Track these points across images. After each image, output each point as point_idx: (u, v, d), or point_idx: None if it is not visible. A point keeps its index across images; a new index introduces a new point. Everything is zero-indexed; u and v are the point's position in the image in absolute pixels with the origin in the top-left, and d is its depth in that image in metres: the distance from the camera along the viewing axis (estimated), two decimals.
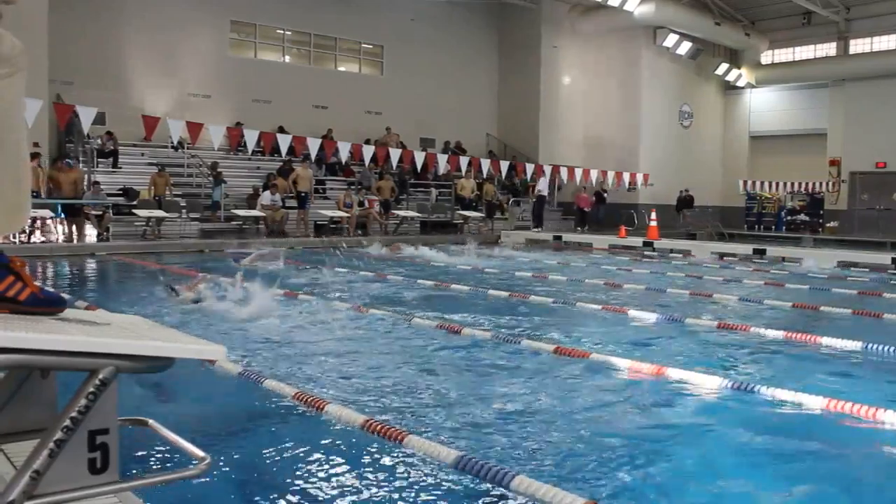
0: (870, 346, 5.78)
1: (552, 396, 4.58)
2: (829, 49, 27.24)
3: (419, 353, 5.78)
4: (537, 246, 18.20)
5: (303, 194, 18.03)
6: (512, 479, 2.93)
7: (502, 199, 22.62)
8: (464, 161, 20.27)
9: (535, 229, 20.53)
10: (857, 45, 26.57)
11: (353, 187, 19.60)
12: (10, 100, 1.74)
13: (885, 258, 13.94)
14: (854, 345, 5.87)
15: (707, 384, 4.73)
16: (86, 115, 14.00)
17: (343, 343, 6.13)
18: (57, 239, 14.46)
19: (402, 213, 19.98)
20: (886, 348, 5.69)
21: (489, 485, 3.02)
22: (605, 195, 24.05)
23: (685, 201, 25.09)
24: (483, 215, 21.32)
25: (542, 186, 21.31)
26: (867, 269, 12.97)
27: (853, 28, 26.52)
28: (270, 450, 3.59)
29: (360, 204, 18.97)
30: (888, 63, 24.73)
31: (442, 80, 24.54)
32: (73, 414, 1.60)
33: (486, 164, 20.33)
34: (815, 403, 4.21)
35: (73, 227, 14.45)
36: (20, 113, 1.81)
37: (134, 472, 2.99)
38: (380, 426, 3.61)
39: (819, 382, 4.96)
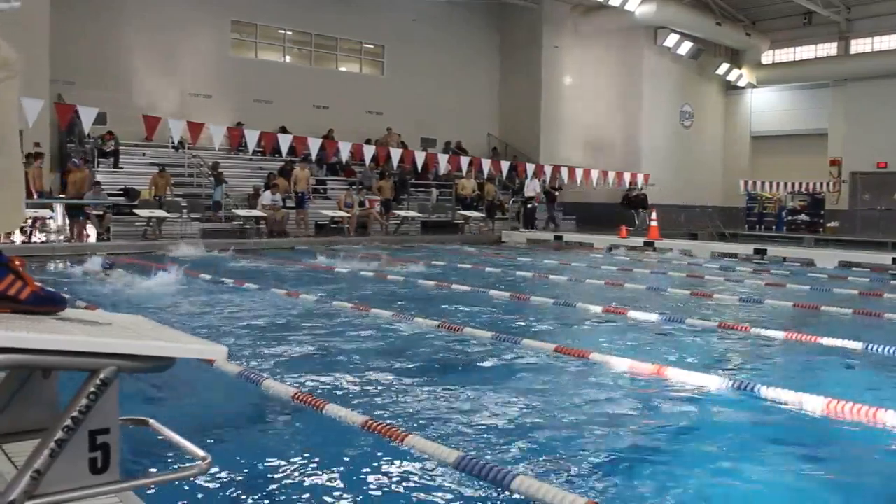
0: (870, 346, 5.77)
1: (552, 396, 4.58)
2: (830, 49, 27.22)
3: (419, 353, 5.79)
4: (539, 246, 18.20)
5: (300, 194, 18.08)
6: (513, 480, 2.93)
7: (503, 199, 22.61)
8: (464, 161, 20.28)
9: (525, 230, 20.61)
10: (858, 45, 26.55)
11: (353, 187, 19.61)
12: (9, 101, 1.78)
13: (885, 258, 13.94)
14: (855, 345, 5.86)
15: (707, 384, 4.73)
16: (87, 115, 14.00)
17: (342, 342, 6.13)
18: (64, 238, 14.50)
19: (402, 213, 19.98)
20: (887, 348, 5.68)
21: (490, 485, 3.02)
22: (557, 194, 22.71)
23: (635, 200, 24.05)
24: (484, 215, 21.32)
25: (533, 188, 21.39)
26: (868, 269, 12.96)
27: (854, 28, 26.51)
28: (271, 449, 3.60)
29: (361, 204, 18.98)
30: (889, 63, 24.71)
31: (443, 80, 24.52)
32: (74, 414, 1.60)
33: (486, 164, 20.33)
34: (815, 403, 4.21)
35: (76, 227, 14.51)
36: (16, 114, 1.85)
37: (135, 471, 3.00)
38: (380, 426, 3.61)
39: (820, 382, 4.96)
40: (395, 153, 18.77)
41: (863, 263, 13.64)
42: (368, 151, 18.53)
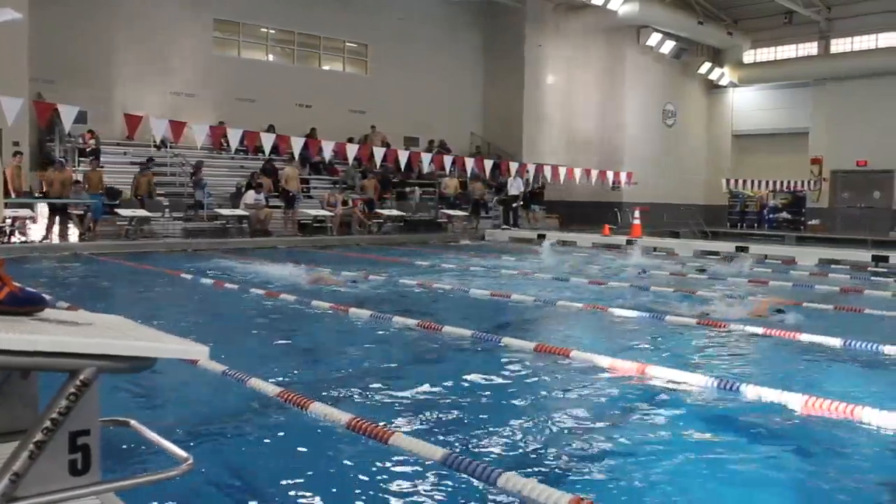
0: (849, 342, 5.83)
1: (534, 394, 4.59)
2: (810, 48, 27.49)
3: (402, 352, 5.78)
4: (523, 244, 18.23)
5: (291, 194, 18.01)
6: (499, 477, 2.93)
7: (487, 197, 22.62)
8: (448, 160, 20.25)
9: (506, 227, 20.66)
10: (838, 45, 26.82)
11: (337, 186, 19.51)
12: None
13: (865, 255, 14.09)
14: (834, 341, 5.92)
15: (689, 381, 4.75)
16: (67, 114, 13.84)
17: (326, 342, 6.11)
18: (49, 238, 14.40)
19: (385, 212, 19.94)
20: (866, 344, 5.74)
21: (476, 482, 3.02)
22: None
23: (530, 196, 23.35)
24: (467, 214, 21.32)
25: (517, 186, 21.45)
26: (848, 267, 13.11)
27: (834, 28, 26.78)
28: (254, 449, 3.58)
29: (345, 203, 18.91)
30: (869, 63, 24.99)
31: (427, 78, 24.49)
32: (54, 415, 1.58)
33: (470, 163, 20.34)
34: (795, 400, 4.23)
35: (60, 227, 14.44)
36: None
37: (115, 473, 2.97)
38: (365, 424, 3.60)
39: (800, 379, 5.00)
40: (379, 152, 18.73)
41: (843, 261, 13.78)
42: (352, 150, 18.46)
